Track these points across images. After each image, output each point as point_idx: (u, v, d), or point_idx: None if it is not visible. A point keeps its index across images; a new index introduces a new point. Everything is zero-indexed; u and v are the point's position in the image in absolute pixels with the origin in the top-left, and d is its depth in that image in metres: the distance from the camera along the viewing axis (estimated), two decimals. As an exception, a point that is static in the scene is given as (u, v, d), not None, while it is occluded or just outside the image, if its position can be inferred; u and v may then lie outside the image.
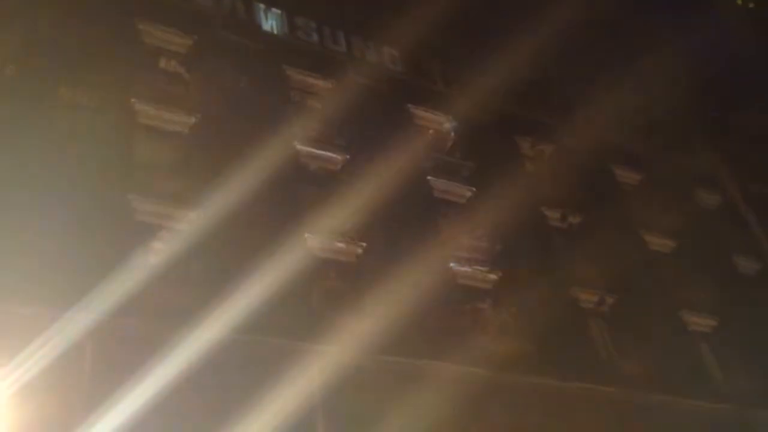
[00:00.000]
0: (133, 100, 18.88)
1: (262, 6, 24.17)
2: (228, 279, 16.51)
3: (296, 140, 21.04)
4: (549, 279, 22.43)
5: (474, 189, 23.50)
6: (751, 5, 36.64)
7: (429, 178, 23.08)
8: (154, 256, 16.36)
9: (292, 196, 19.99)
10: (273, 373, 15.55)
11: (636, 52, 30.33)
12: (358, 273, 19.56)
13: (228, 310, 15.82)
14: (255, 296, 16.27)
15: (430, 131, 25.02)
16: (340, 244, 19.57)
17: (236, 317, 15.81)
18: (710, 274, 26.17)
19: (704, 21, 33.21)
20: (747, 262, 28.41)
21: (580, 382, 20.07)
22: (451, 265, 20.97)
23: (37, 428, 12.96)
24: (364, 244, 19.70)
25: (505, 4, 28.46)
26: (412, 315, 18.30)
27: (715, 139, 32.46)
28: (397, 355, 17.63)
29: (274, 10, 24.32)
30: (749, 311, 25.41)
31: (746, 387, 23.04)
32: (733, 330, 24.66)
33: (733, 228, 29.39)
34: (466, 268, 21.21)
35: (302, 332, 16.88)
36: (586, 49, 29.59)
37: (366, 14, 25.38)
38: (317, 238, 19.14)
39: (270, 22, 24.12)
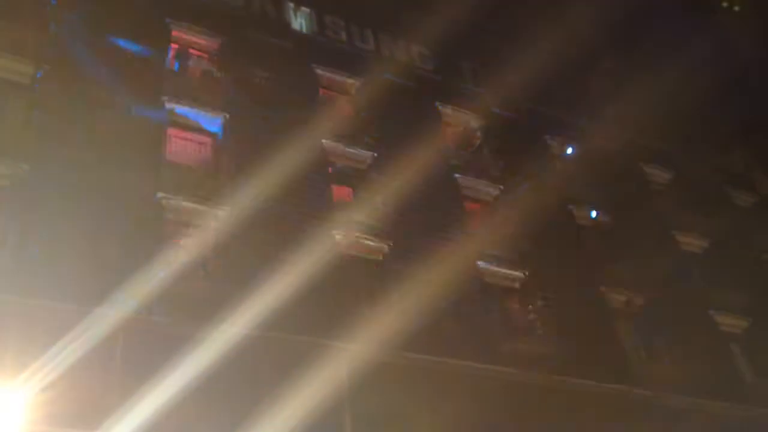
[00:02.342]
0: (164, 98, 19.10)
1: (291, 5, 24.31)
2: (256, 276, 16.63)
3: (325, 138, 21.12)
4: (577, 278, 22.32)
5: (502, 187, 23.41)
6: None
7: (457, 176, 23.04)
8: (184, 253, 16.53)
9: (321, 193, 20.09)
10: (301, 370, 15.65)
11: (666, 50, 29.98)
12: (386, 271, 19.60)
13: (256, 307, 15.93)
14: (283, 293, 16.34)
15: (459, 129, 24.97)
16: (368, 242, 19.61)
17: (264, 314, 15.91)
18: (742, 274, 25.77)
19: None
20: (780, 263, 27.94)
21: (608, 382, 19.90)
22: (478, 263, 20.91)
23: (68, 421, 13.17)
24: (392, 242, 19.72)
25: (535, 3, 28.26)
26: (439, 313, 18.32)
27: (748, 137, 31.95)
28: (424, 352, 17.64)
29: (303, 9, 24.44)
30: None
31: (778, 389, 22.70)
32: (765, 331, 24.26)
33: (766, 227, 28.89)
34: (493, 267, 21.14)
35: (330, 329, 16.94)
36: (616, 48, 29.31)
37: (394, 12, 25.38)
38: (345, 235, 19.19)
39: (299, 20, 24.25)
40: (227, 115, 19.84)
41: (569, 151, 26.26)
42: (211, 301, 16.00)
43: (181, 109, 19.35)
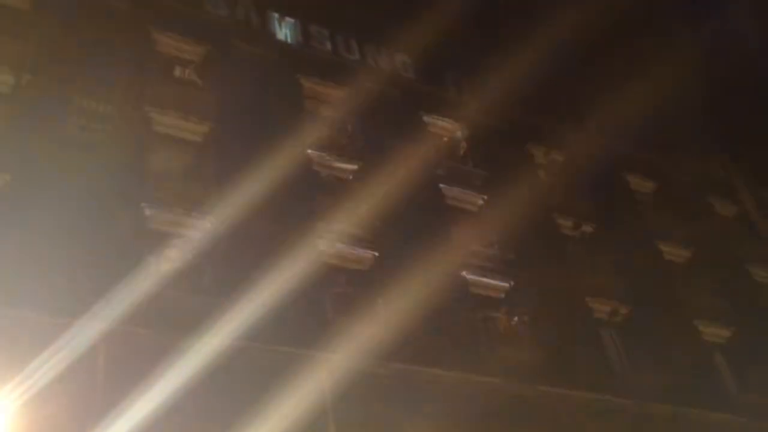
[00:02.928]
0: (147, 108, 19.03)
1: (276, 15, 24.36)
2: (239, 286, 16.56)
3: (309, 147, 21.13)
4: (562, 288, 22.35)
5: (486, 197, 23.48)
6: None
7: (441, 185, 23.10)
8: (166, 263, 16.45)
9: (305, 203, 20.05)
10: (284, 380, 15.56)
11: (648, 59, 30.23)
12: (370, 280, 19.56)
13: (239, 317, 15.87)
14: (267, 303, 16.30)
15: (443, 139, 25.03)
16: (352, 252, 19.59)
17: (248, 324, 15.85)
18: (725, 283, 25.98)
19: (714, 23, 32.91)
20: (762, 272, 28.13)
21: (593, 392, 19.92)
22: (463, 273, 20.94)
23: (50, 434, 13.05)
24: (376, 252, 19.72)
25: (517, 12, 28.47)
26: (424, 323, 18.29)
27: (730, 147, 32.25)
28: (409, 363, 17.61)
29: (288, 19, 24.49)
30: (765, 321, 25.16)
31: (762, 399, 22.79)
32: (749, 340, 24.43)
33: (748, 237, 29.17)
34: (478, 277, 21.16)
35: (313, 339, 16.89)
36: (598, 56, 29.51)
37: (379, 22, 25.46)
38: (329, 245, 19.17)
39: (284, 31, 24.29)
40: (211, 125, 19.79)
41: (553, 160, 26.40)
42: (195, 311, 15.89)
43: (165, 118, 19.27)
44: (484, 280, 21.26)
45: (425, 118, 24.85)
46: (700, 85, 30.69)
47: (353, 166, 21.60)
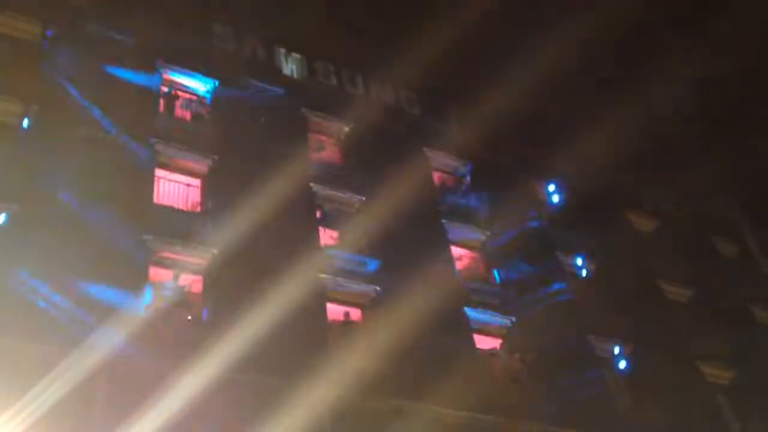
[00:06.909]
0: (153, 140, 19.19)
1: (282, 50, 24.68)
2: (241, 318, 16.52)
3: (313, 180, 21.25)
4: (564, 326, 22.25)
5: (488, 233, 23.52)
6: None
7: (444, 221, 23.15)
8: (169, 294, 16.46)
9: (308, 235, 20.11)
10: (284, 413, 15.46)
11: (651, 95, 30.49)
12: (372, 314, 19.54)
13: (240, 348, 15.82)
14: (268, 336, 16.26)
15: (446, 173, 25.17)
16: (355, 286, 19.58)
17: (248, 355, 15.80)
18: (727, 323, 25.85)
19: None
20: (765, 312, 28.03)
21: (593, 432, 19.76)
22: (466, 309, 20.89)
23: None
24: (378, 287, 19.71)
25: (520, 49, 28.79)
26: (424, 358, 18.23)
27: (732, 186, 32.33)
28: (411, 398, 17.49)
29: (294, 54, 24.79)
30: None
31: (765, 440, 22.58)
32: (752, 381, 24.23)
33: (751, 277, 29.10)
34: (479, 313, 21.10)
35: (315, 373, 16.80)
36: (600, 92, 29.77)
37: (383, 57, 25.75)
38: (331, 278, 19.18)
39: (290, 65, 24.57)
40: (216, 158, 19.94)
41: (555, 197, 26.50)
42: (195, 341, 15.86)
43: (170, 150, 19.43)
44: (485, 316, 21.19)
45: (428, 152, 25.02)
46: (702, 122, 30.85)
47: (356, 200, 21.70)
